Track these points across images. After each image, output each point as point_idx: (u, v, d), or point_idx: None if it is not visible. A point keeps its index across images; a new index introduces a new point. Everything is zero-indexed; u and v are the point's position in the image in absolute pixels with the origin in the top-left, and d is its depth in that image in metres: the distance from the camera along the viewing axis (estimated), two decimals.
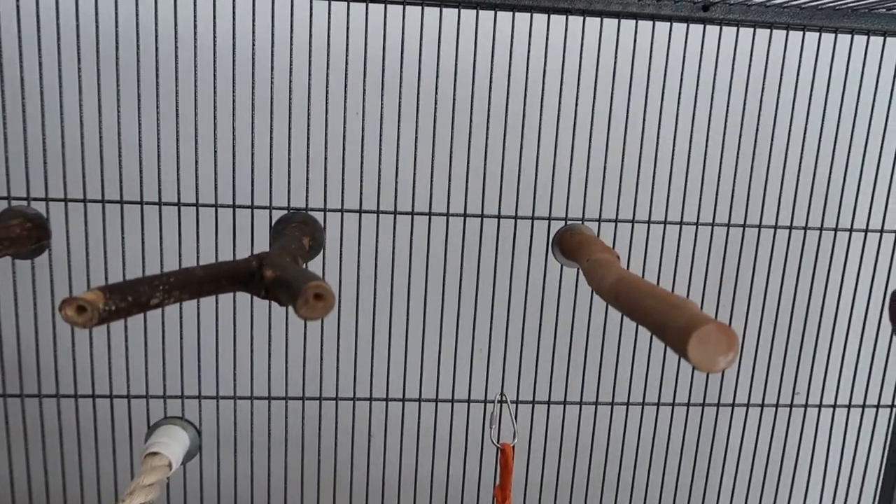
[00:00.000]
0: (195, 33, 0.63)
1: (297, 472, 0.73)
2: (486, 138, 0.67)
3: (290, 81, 0.64)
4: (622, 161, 0.69)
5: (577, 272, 0.71)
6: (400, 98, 0.66)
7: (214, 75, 0.65)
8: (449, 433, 0.74)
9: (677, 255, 0.72)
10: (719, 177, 0.71)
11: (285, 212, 0.68)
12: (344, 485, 0.75)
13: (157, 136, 0.65)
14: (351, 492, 0.75)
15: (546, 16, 0.66)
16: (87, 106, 0.64)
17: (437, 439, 0.74)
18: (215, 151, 0.66)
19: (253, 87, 0.65)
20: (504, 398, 0.71)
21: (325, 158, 0.66)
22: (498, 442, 0.69)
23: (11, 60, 0.62)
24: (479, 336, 0.72)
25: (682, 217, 0.72)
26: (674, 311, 0.44)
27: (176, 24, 0.63)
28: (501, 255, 0.70)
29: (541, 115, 0.68)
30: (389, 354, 0.71)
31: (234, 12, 0.63)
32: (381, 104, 0.66)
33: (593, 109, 0.68)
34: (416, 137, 0.67)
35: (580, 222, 0.71)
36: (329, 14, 0.64)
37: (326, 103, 0.65)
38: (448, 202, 0.69)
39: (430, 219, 0.69)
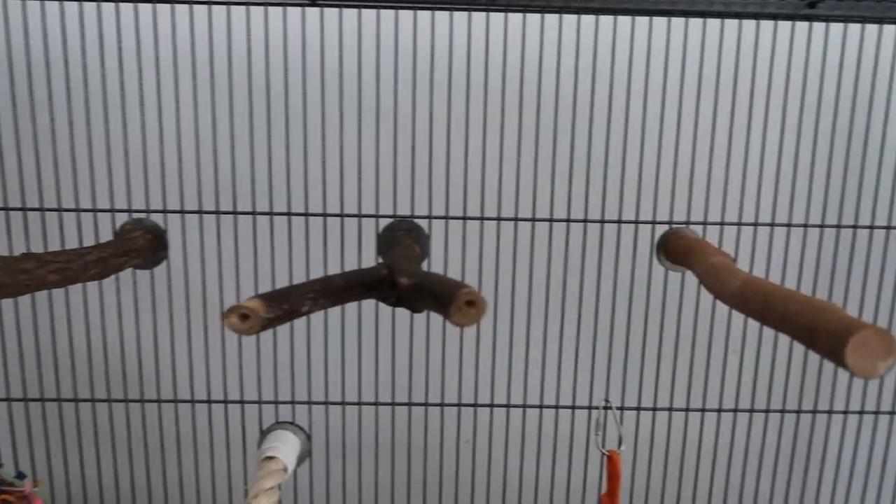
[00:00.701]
0: (303, 49, 0.65)
1: (403, 476, 0.74)
2: (589, 143, 0.67)
3: (395, 92, 0.66)
4: (727, 163, 0.68)
5: (683, 276, 0.70)
6: (503, 106, 0.66)
7: (322, 88, 0.66)
8: (553, 439, 0.74)
9: (786, 258, 0.70)
10: (828, 178, 0.69)
11: (391, 219, 0.69)
12: (449, 490, 0.76)
13: (267, 148, 0.67)
14: (456, 498, 0.76)
15: (648, 19, 0.66)
16: (202, 121, 0.66)
17: (542, 445, 0.74)
18: (323, 162, 0.68)
19: (359, 99, 0.66)
20: (609, 404, 0.70)
21: (430, 167, 0.67)
22: (604, 448, 0.69)
23: (131, 82, 0.65)
24: (584, 342, 0.72)
25: (790, 219, 0.70)
26: (822, 315, 0.43)
27: (286, 41, 0.64)
28: (605, 260, 0.70)
29: (644, 118, 0.67)
30: (494, 361, 0.72)
31: (340, 26, 0.64)
32: (485, 112, 0.67)
33: (697, 112, 0.67)
34: (519, 144, 0.67)
35: (685, 226, 0.70)
36: (432, 25, 0.65)
37: (430, 112, 0.66)
38: (551, 208, 0.69)
39: (533, 225, 0.69)
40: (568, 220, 0.69)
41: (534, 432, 0.74)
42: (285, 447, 0.69)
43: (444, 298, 0.40)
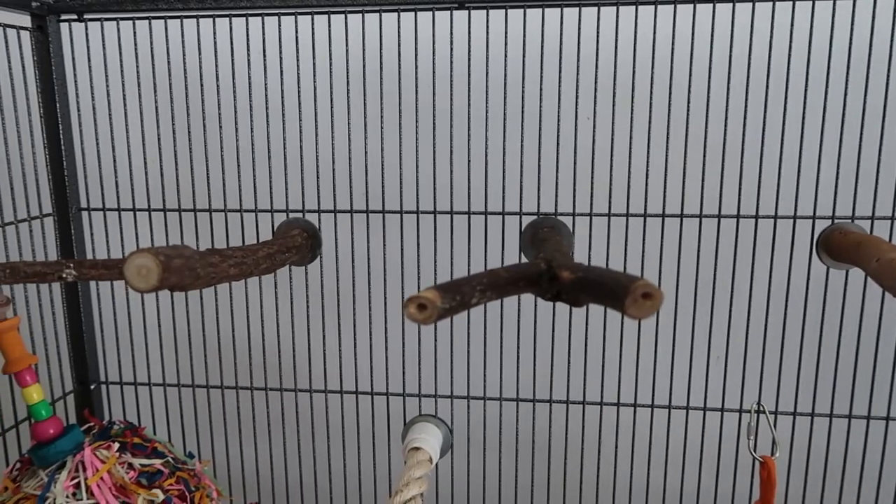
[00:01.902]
0: (451, 51, 0.66)
1: (543, 474, 0.74)
2: (743, 134, 0.65)
3: (541, 90, 0.66)
4: None
5: (847, 274, 0.66)
6: (651, 101, 0.65)
7: (469, 90, 0.68)
8: (700, 443, 0.72)
9: None
10: None
11: (534, 217, 0.69)
12: (589, 492, 0.75)
13: (415, 149, 0.69)
14: (597, 499, 0.75)
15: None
16: (355, 125, 0.69)
17: (688, 449, 0.72)
18: (469, 161, 0.69)
19: (505, 99, 0.67)
20: (761, 408, 0.67)
21: (574, 164, 0.67)
22: (757, 453, 0.66)
23: (291, 92, 0.70)
24: (734, 342, 0.69)
25: None
26: None
27: (434, 44, 0.66)
28: (759, 257, 0.67)
29: (804, 105, 0.64)
30: (638, 359, 0.70)
31: (486, 27, 0.65)
32: (631, 107, 0.66)
33: (865, 100, 0.63)
34: (668, 138, 0.66)
35: (849, 220, 0.66)
36: (579, 21, 0.65)
37: (575, 110, 0.66)
38: (701, 203, 0.67)
39: (681, 220, 0.68)
40: (718, 216, 0.67)
41: (679, 435, 0.72)
42: (430, 439, 0.71)
43: (617, 291, 0.40)
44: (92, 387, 0.80)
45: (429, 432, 0.71)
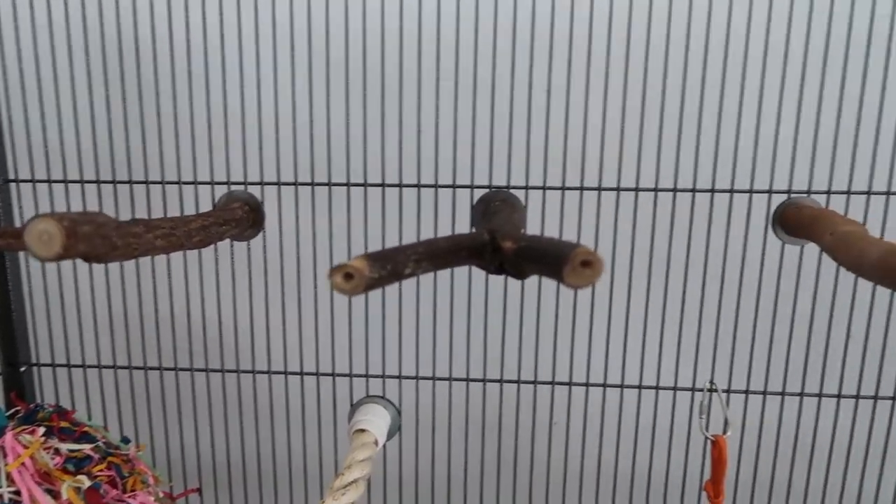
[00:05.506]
0: (401, 20, 0.63)
1: (493, 455, 0.73)
2: (701, 106, 0.63)
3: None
4: (857, 128, 0.62)
5: (802, 251, 0.65)
6: (607, 71, 0.63)
7: (419, 58, 0.65)
8: (652, 422, 0.70)
9: None
10: None
11: (486, 190, 0.67)
12: (540, 472, 0.73)
13: (363, 120, 0.66)
14: (547, 480, 0.73)
15: None
16: (300, 94, 0.66)
17: (640, 428, 0.71)
18: (419, 132, 0.66)
19: (457, 69, 0.64)
20: (714, 387, 0.66)
21: (528, 136, 0.65)
22: (709, 432, 0.65)
23: (232, 58, 0.66)
24: (688, 319, 0.68)
25: None
26: None
27: (383, 13, 0.63)
28: (714, 232, 0.65)
29: (762, 77, 0.62)
30: (591, 338, 0.69)
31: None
32: (587, 77, 0.63)
33: (823, 75, 0.62)
34: (624, 110, 0.64)
35: (805, 195, 0.65)
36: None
37: (530, 80, 0.63)
38: (656, 177, 0.65)
39: (636, 195, 0.66)
40: (674, 190, 0.65)
41: (631, 414, 0.71)
42: (377, 420, 0.68)
43: (557, 259, 0.38)
44: (22, 369, 0.75)
45: (375, 413, 0.69)
